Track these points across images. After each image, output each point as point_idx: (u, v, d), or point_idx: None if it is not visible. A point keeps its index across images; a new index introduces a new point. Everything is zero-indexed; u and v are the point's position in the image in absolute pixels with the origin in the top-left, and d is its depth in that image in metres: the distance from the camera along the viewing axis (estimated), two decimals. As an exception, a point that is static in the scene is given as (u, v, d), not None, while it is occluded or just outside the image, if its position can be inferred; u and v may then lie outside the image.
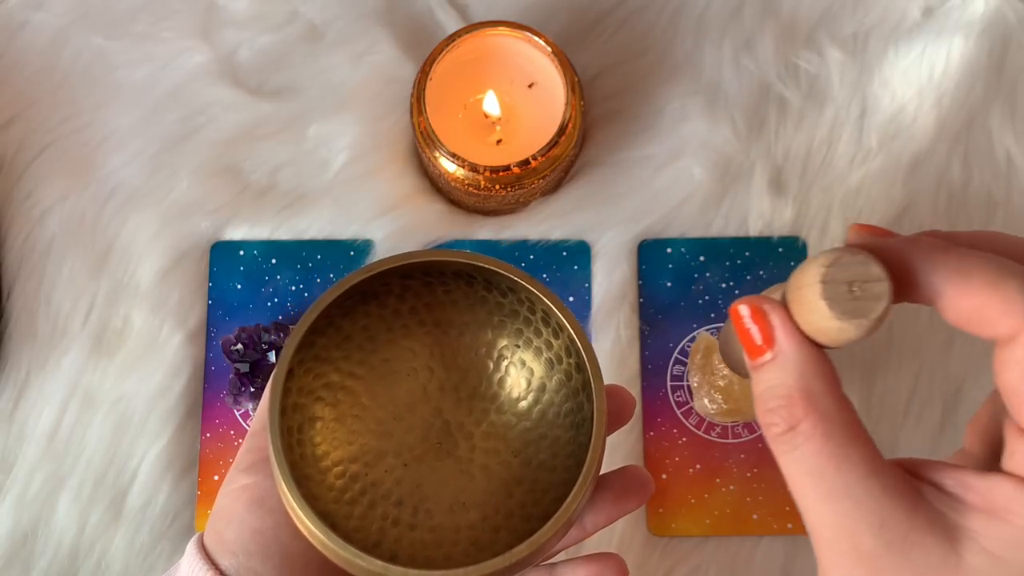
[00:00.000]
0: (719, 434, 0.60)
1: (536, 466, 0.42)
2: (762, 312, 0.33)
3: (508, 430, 0.43)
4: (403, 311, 0.43)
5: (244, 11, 0.65)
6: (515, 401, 0.43)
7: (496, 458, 0.43)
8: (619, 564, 0.42)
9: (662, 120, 0.64)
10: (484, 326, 0.43)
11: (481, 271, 0.41)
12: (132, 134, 0.64)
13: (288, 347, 0.39)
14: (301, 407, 0.42)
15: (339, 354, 0.43)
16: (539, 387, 0.43)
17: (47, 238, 0.63)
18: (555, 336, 0.42)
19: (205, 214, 0.63)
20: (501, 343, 0.43)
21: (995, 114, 0.63)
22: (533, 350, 0.43)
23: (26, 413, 0.61)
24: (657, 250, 0.62)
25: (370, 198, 0.63)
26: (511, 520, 0.41)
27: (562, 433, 0.42)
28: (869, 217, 0.62)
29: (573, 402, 0.42)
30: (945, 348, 0.61)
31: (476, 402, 0.43)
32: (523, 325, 0.43)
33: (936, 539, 0.31)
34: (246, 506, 0.42)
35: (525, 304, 0.42)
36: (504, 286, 0.42)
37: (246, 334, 0.60)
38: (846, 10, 0.64)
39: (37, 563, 0.60)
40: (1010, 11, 0.64)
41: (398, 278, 0.42)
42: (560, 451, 0.42)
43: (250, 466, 0.43)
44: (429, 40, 0.64)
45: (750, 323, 0.33)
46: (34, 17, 0.66)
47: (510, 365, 0.44)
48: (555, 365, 0.43)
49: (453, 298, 0.43)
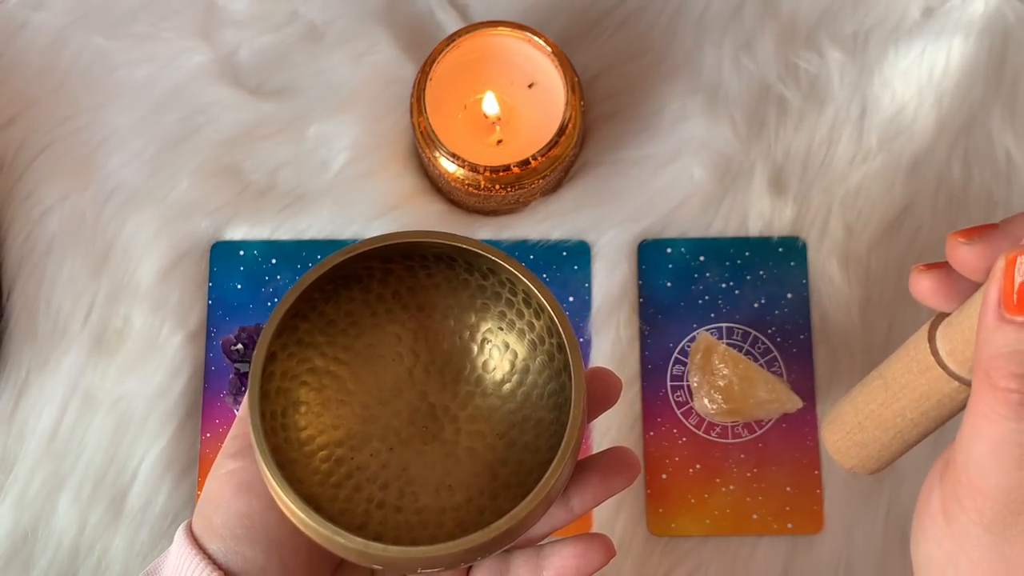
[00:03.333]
0: (719, 434, 0.60)
1: (521, 447, 0.43)
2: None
3: (493, 412, 0.43)
4: (386, 295, 0.43)
5: (244, 11, 0.65)
6: (499, 384, 0.44)
7: (481, 440, 0.43)
8: (606, 543, 0.42)
9: (662, 120, 0.64)
10: (467, 309, 0.44)
11: (462, 252, 0.41)
12: (132, 134, 0.64)
13: (267, 331, 0.39)
14: (285, 391, 0.42)
15: (323, 339, 0.43)
16: (523, 369, 0.43)
17: (47, 238, 0.63)
18: (536, 317, 0.43)
19: (205, 214, 0.63)
20: (485, 326, 0.44)
21: (995, 114, 0.63)
22: (516, 332, 0.43)
23: (26, 413, 0.61)
24: (657, 250, 0.62)
25: (370, 198, 0.63)
26: (496, 501, 0.42)
27: (545, 414, 0.43)
28: (869, 217, 0.62)
29: (556, 383, 0.42)
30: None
31: (461, 385, 0.44)
32: (505, 307, 0.43)
33: None
34: (233, 491, 0.42)
35: (507, 286, 0.42)
36: (485, 268, 0.42)
37: (246, 334, 0.60)
38: (846, 10, 0.64)
39: (37, 563, 0.60)
40: (1010, 11, 0.64)
41: (379, 262, 0.42)
42: (543, 432, 0.42)
43: (237, 451, 0.43)
44: (429, 40, 0.64)
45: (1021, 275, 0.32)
46: (34, 17, 0.66)
47: (494, 348, 0.44)
48: (538, 346, 0.43)
49: (435, 282, 0.43)
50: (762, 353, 0.61)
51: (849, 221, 0.62)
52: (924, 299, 0.37)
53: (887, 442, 0.41)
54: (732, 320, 0.61)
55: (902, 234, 0.62)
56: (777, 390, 0.59)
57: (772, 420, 0.60)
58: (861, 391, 0.41)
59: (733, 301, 0.62)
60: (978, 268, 0.35)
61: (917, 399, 0.38)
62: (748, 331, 0.61)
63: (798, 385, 0.60)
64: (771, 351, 0.61)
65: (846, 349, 0.61)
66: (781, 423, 0.60)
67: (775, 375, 0.60)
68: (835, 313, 0.61)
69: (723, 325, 0.61)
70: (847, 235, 0.62)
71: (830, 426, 0.43)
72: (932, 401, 0.38)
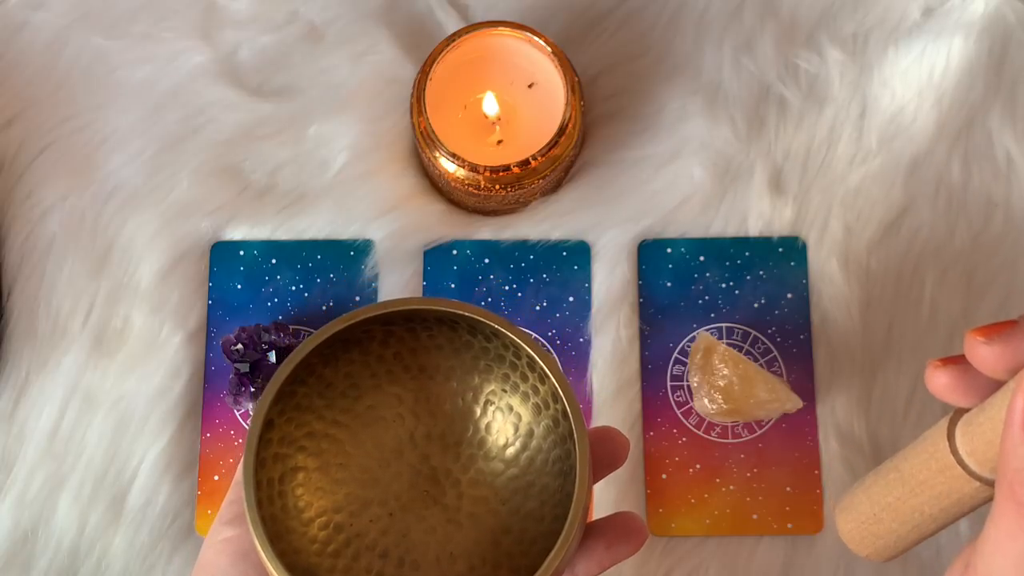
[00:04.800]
0: (719, 434, 0.60)
1: (524, 515, 0.41)
2: None
3: (496, 477, 0.42)
4: (387, 357, 0.42)
5: (244, 11, 0.65)
6: (502, 447, 0.42)
7: (484, 506, 0.42)
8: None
9: (662, 120, 0.64)
10: (471, 371, 0.42)
11: (463, 318, 0.40)
12: (132, 134, 0.64)
13: (264, 399, 0.38)
14: (283, 457, 0.41)
15: (322, 402, 0.42)
16: (527, 433, 0.42)
17: (47, 238, 0.63)
18: (540, 381, 0.41)
19: (205, 214, 0.63)
20: (488, 388, 0.42)
21: (995, 114, 0.63)
22: (520, 395, 0.42)
23: (26, 413, 0.61)
24: (657, 250, 0.62)
25: (370, 198, 0.63)
26: (499, 571, 0.41)
27: (550, 481, 0.41)
28: (869, 217, 0.62)
29: (561, 449, 0.41)
30: (945, 349, 0.61)
31: (463, 448, 0.42)
32: (509, 370, 0.42)
33: None
34: (230, 560, 0.41)
35: (510, 349, 0.41)
36: (488, 331, 0.41)
37: (246, 334, 0.60)
38: (846, 10, 0.64)
39: (37, 563, 0.60)
40: (1010, 11, 0.64)
41: (380, 324, 0.41)
42: (548, 500, 0.41)
43: (234, 518, 0.42)
44: (429, 40, 0.64)
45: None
46: (34, 17, 0.66)
47: (497, 410, 0.42)
48: (542, 410, 0.42)
49: (437, 343, 0.42)
50: (762, 353, 0.61)
51: (849, 221, 0.62)
52: (941, 395, 0.36)
53: (904, 534, 0.40)
54: (732, 320, 0.61)
55: (902, 234, 0.62)
56: (777, 390, 0.59)
57: (772, 420, 0.60)
58: (876, 481, 0.40)
59: (733, 301, 0.62)
60: (998, 368, 0.34)
61: (936, 496, 0.37)
62: (748, 331, 0.61)
63: (798, 385, 0.60)
64: (771, 351, 0.61)
65: (846, 349, 0.61)
66: (781, 423, 0.60)
67: (775, 375, 0.60)
68: (835, 313, 0.61)
69: (723, 325, 0.61)
70: (847, 235, 0.62)
71: (843, 514, 0.42)
72: (952, 499, 0.37)
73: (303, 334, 0.62)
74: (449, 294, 0.62)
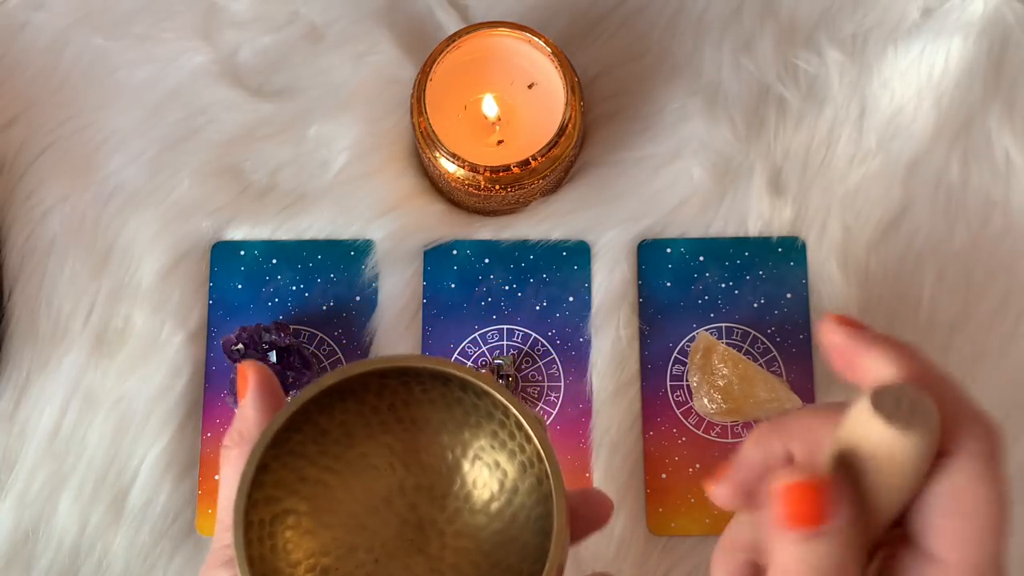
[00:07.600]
0: (719, 434, 0.60)
1: (504, 569, 0.42)
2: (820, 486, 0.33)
3: (479, 530, 0.43)
4: (381, 408, 0.43)
5: (245, 12, 0.65)
6: (487, 502, 0.43)
7: (466, 558, 0.42)
8: None
9: (662, 120, 0.64)
10: (461, 426, 0.43)
11: (455, 376, 0.41)
12: (133, 135, 0.64)
13: (260, 443, 0.39)
14: (275, 499, 0.41)
15: (315, 449, 0.42)
16: (511, 489, 0.43)
17: (48, 238, 0.63)
18: (527, 441, 0.42)
19: (206, 214, 0.63)
20: (477, 443, 0.43)
21: (994, 114, 0.63)
22: (507, 452, 0.43)
23: (27, 413, 0.61)
24: (657, 250, 0.62)
25: (370, 198, 0.63)
26: None
27: (530, 538, 0.42)
28: (868, 217, 0.62)
29: (543, 508, 0.42)
30: (944, 348, 0.61)
31: (450, 501, 0.43)
32: (498, 427, 0.43)
33: None
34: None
35: (499, 408, 0.42)
36: (478, 390, 0.42)
37: (247, 334, 0.60)
38: (845, 11, 0.65)
39: (38, 563, 0.60)
40: (1009, 11, 0.64)
41: (376, 376, 0.42)
42: (528, 556, 0.42)
43: (229, 560, 0.42)
44: (429, 41, 0.64)
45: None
46: (35, 18, 0.66)
47: (484, 466, 0.43)
48: (527, 468, 0.43)
49: (430, 397, 0.43)
50: (761, 353, 0.61)
51: (848, 221, 0.62)
52: (726, 507, 0.39)
53: None
54: (732, 320, 0.62)
55: (901, 234, 0.62)
56: (776, 390, 0.59)
57: (772, 420, 0.60)
58: None
59: (733, 301, 0.62)
60: (735, 503, 0.38)
61: None
62: (748, 331, 0.61)
63: (797, 385, 0.60)
64: (771, 351, 0.61)
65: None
66: (780, 423, 0.60)
67: (775, 375, 0.60)
68: (834, 313, 0.61)
69: (723, 325, 0.61)
70: (846, 235, 0.62)
71: None
72: None
73: (303, 334, 0.62)
74: (449, 293, 0.62)
